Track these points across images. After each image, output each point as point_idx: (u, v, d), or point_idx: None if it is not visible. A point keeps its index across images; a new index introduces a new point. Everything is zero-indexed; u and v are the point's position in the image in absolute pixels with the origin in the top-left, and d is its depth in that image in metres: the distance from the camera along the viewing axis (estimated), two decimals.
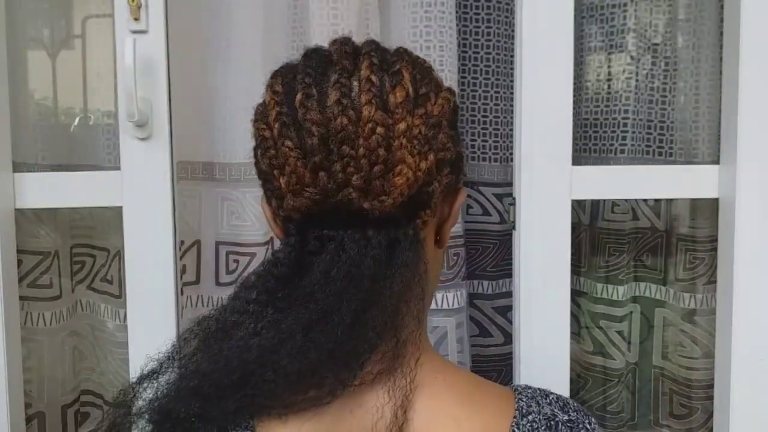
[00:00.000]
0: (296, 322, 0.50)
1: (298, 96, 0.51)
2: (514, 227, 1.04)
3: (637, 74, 1.15)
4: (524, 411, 0.54)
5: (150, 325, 1.02)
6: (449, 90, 0.57)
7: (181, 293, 1.07)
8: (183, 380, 0.52)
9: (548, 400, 0.56)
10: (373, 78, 0.51)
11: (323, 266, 0.51)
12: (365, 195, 0.50)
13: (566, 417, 0.55)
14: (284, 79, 0.54)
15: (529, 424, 0.53)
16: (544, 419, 0.54)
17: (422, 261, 0.54)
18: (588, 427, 0.55)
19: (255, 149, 0.57)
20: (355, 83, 0.51)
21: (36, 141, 1.15)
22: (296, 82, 0.52)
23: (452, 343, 1.08)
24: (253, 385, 0.49)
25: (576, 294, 1.23)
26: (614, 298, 1.20)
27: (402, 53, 0.56)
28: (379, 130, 0.49)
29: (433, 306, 1.07)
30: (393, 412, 0.51)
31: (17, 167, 1.08)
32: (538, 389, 0.59)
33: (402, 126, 0.50)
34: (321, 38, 1.03)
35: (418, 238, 0.54)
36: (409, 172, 0.50)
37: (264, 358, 0.49)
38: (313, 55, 0.55)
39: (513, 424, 0.53)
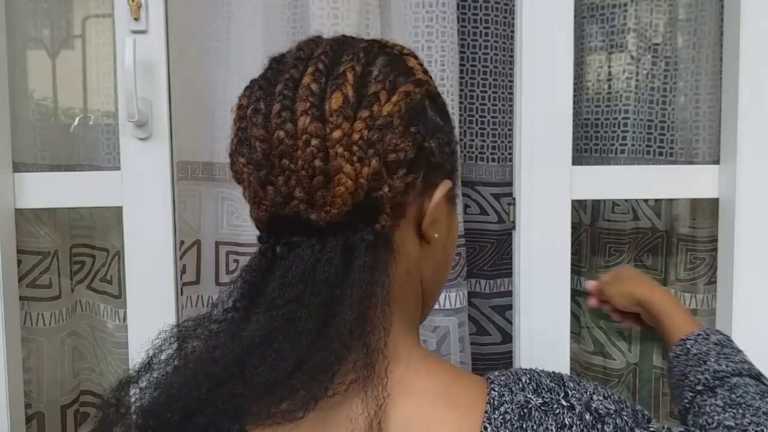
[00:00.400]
0: (260, 330, 0.49)
1: (248, 111, 0.51)
2: (514, 227, 1.04)
3: (637, 74, 1.15)
4: (496, 403, 0.52)
5: (150, 325, 1.01)
6: (416, 81, 0.54)
7: (181, 293, 1.07)
8: (156, 394, 0.51)
9: (520, 385, 0.53)
10: (313, 86, 0.50)
11: (282, 271, 0.51)
12: (311, 206, 0.50)
13: (540, 400, 0.52)
14: (250, 91, 0.54)
15: (501, 417, 0.51)
16: (517, 408, 0.51)
17: (386, 266, 0.52)
18: (563, 403, 0.51)
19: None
20: (296, 100, 0.50)
21: (36, 141, 1.15)
22: (252, 95, 0.52)
23: (455, 343, 1.08)
24: (222, 400, 0.48)
25: (576, 294, 1.22)
26: None
27: (359, 50, 0.53)
28: (314, 141, 0.49)
29: (436, 306, 1.07)
30: (368, 423, 0.49)
31: (17, 167, 1.08)
32: (512, 373, 0.55)
33: (337, 134, 0.49)
34: None
35: (382, 243, 0.52)
36: (348, 182, 0.49)
37: (231, 369, 0.48)
38: (272, 63, 0.54)
39: (485, 419, 0.51)
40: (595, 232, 1.22)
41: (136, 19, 1.01)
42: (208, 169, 1.10)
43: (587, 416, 0.51)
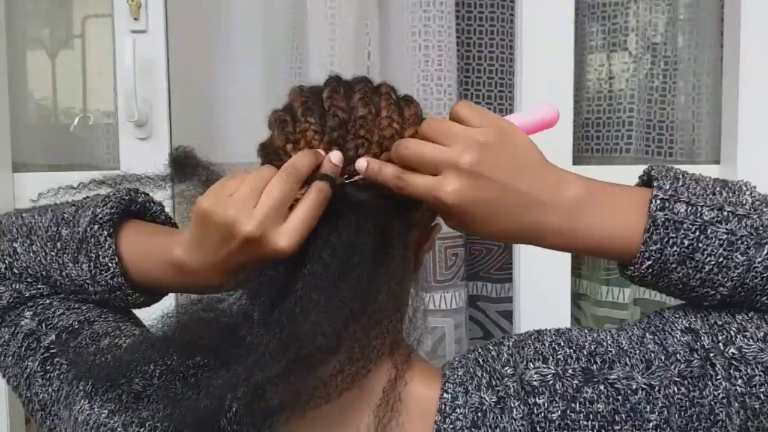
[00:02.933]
0: (313, 287, 0.49)
1: (326, 92, 0.56)
2: None
3: (637, 73, 1.15)
4: (448, 409, 0.49)
5: (149, 325, 1.02)
6: None
7: (181, 293, 1.06)
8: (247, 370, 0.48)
9: (475, 383, 0.50)
10: (392, 95, 0.57)
11: (325, 232, 0.51)
12: None
13: (494, 398, 0.48)
14: (311, 87, 0.59)
15: (451, 425, 0.48)
16: (471, 412, 0.49)
17: (409, 258, 0.55)
18: (515, 404, 0.48)
19: (267, 141, 0.58)
20: (376, 98, 0.56)
21: (36, 141, 1.15)
22: (323, 86, 0.58)
23: (450, 344, 1.08)
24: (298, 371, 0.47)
25: (576, 297, 1.22)
26: (620, 300, 1.19)
27: None
28: (395, 125, 0.54)
29: (431, 306, 1.07)
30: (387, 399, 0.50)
31: (17, 167, 1.08)
32: (471, 362, 0.52)
33: (409, 131, 0.55)
34: (319, 37, 1.03)
35: (407, 235, 0.55)
36: None
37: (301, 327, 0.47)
38: (337, 77, 0.60)
39: (434, 430, 0.48)
40: None
41: (136, 19, 1.01)
42: None
43: (523, 394, 0.49)
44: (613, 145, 1.15)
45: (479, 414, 0.49)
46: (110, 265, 0.55)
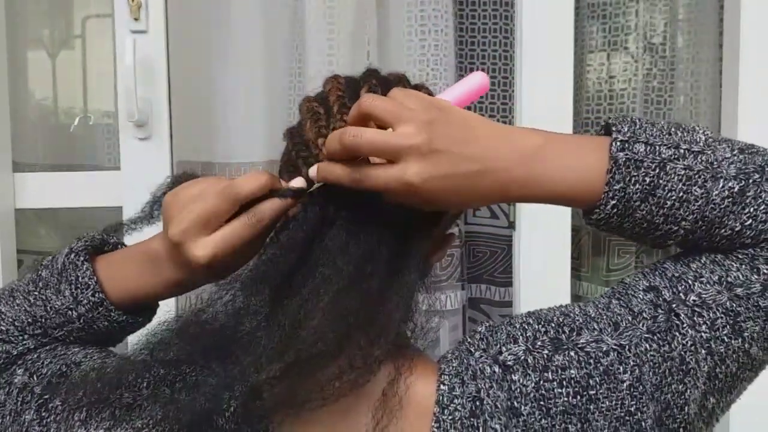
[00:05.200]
0: (332, 281, 0.49)
1: (364, 88, 0.55)
2: (513, 227, 1.04)
3: (637, 73, 1.15)
4: (446, 400, 0.50)
5: (149, 324, 1.02)
6: None
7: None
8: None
9: (471, 372, 0.50)
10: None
11: (344, 237, 0.51)
12: None
13: (488, 385, 0.50)
14: (346, 79, 0.58)
15: (450, 416, 0.49)
16: (469, 402, 0.49)
17: (422, 270, 0.55)
18: (484, 385, 0.49)
19: (295, 128, 0.58)
20: None
21: (36, 141, 1.15)
22: (361, 81, 0.57)
23: (445, 347, 1.08)
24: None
25: (577, 299, 1.22)
26: None
27: None
28: None
29: (425, 308, 1.07)
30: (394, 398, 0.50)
31: (17, 167, 1.08)
32: (463, 352, 0.53)
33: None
34: (318, 37, 1.03)
35: (425, 249, 0.55)
36: None
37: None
38: (375, 72, 0.59)
39: (433, 420, 0.49)
40: (599, 234, 1.22)
41: (136, 19, 1.01)
42: (208, 169, 1.10)
43: (498, 371, 0.50)
44: None
45: (477, 403, 0.49)
46: (90, 283, 0.57)
